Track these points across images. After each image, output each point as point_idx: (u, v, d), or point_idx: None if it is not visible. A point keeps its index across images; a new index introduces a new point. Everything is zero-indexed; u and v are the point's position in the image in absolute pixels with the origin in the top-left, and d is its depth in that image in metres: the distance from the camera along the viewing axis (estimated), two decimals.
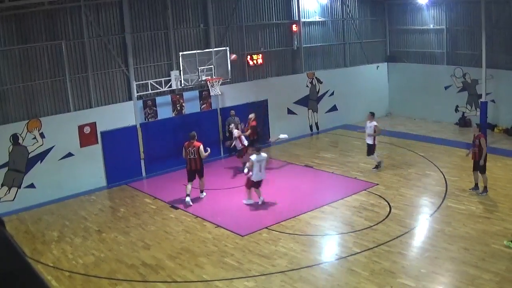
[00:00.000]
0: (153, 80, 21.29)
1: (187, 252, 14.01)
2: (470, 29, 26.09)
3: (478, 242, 13.22)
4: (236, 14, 23.91)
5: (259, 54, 24.79)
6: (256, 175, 16.77)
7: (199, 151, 17.44)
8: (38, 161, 18.86)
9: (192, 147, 17.49)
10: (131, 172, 21.01)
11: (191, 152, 17.50)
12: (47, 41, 18.89)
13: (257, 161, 16.68)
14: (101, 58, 20.28)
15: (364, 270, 12.26)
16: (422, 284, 11.51)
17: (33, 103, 18.87)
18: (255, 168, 16.67)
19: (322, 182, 19.58)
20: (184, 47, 22.03)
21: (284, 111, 25.72)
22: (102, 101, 20.48)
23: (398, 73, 29.79)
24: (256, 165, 16.65)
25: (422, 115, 28.36)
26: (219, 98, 23.03)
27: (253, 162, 16.67)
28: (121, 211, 17.74)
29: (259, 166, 16.71)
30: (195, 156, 17.48)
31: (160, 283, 12.42)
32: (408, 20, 29.12)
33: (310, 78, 26.89)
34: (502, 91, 24.57)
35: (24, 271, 2.23)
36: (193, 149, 17.46)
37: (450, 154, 21.71)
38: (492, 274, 11.58)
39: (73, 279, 12.91)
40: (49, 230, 16.33)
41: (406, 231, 14.31)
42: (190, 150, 17.51)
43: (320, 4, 27.27)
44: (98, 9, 20.01)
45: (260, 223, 15.75)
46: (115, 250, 14.52)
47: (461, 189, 17.38)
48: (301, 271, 12.50)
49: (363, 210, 16.23)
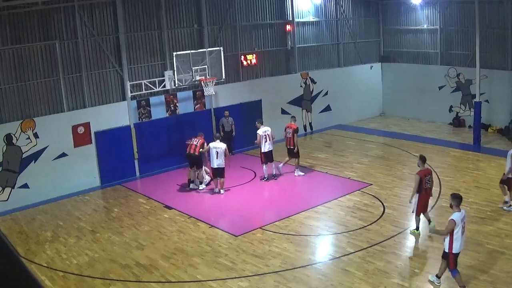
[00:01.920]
0: (147, 80, 21.25)
1: (181, 252, 14.01)
2: (464, 29, 26.17)
3: (472, 242, 13.25)
4: (230, 14, 23.90)
5: (253, 54, 24.78)
6: (265, 146, 19.20)
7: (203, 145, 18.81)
8: (32, 161, 18.80)
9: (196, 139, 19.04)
10: (125, 172, 20.97)
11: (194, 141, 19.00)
12: (41, 41, 18.84)
13: (264, 132, 19.25)
14: (95, 58, 20.23)
15: (358, 270, 12.29)
16: (415, 284, 11.55)
17: (27, 103, 18.80)
18: (262, 140, 19.19)
19: (316, 182, 19.58)
20: (178, 47, 22.01)
21: (278, 111, 25.71)
22: (96, 101, 20.43)
23: (392, 73, 29.85)
24: (263, 137, 19.15)
25: (416, 115, 28.42)
26: (213, 98, 23.02)
27: (260, 135, 19.14)
28: (115, 211, 17.71)
29: (265, 137, 19.23)
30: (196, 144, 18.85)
31: (154, 283, 12.41)
32: (402, 20, 29.17)
33: (304, 78, 26.91)
34: (496, 91, 24.64)
35: (17, 271, 2.23)
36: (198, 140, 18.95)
37: (444, 154, 21.77)
38: (485, 274, 11.63)
39: (67, 279, 12.88)
40: (43, 230, 16.29)
41: (400, 231, 14.35)
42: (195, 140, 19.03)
43: (314, 4, 27.28)
44: (92, 9, 19.96)
45: (254, 223, 15.77)
46: (109, 250, 14.50)
47: (454, 189, 17.40)
48: (295, 271, 12.51)
49: (357, 210, 16.26)
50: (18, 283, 2.18)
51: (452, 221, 10.64)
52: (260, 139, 19.31)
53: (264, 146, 19.33)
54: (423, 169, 13.87)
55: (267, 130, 19.48)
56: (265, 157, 19.48)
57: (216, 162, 18.22)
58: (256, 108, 24.67)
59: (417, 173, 13.81)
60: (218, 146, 18.23)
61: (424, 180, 13.62)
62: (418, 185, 13.57)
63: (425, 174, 13.72)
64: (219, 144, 18.31)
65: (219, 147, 18.21)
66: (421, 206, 13.81)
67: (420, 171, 13.84)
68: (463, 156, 21.75)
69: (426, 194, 13.84)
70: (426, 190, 13.74)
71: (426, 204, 13.99)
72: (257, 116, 22.44)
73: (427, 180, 13.69)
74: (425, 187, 13.70)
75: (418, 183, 13.55)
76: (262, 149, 19.39)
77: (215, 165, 18.29)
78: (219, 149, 18.19)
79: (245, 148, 23.90)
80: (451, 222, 10.60)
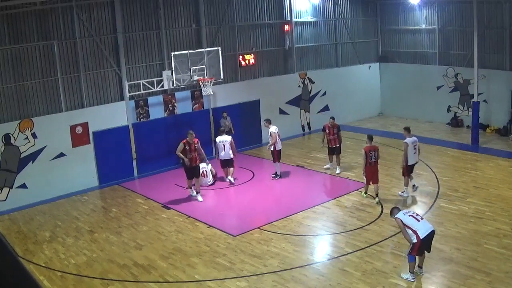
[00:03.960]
0: (145, 80, 21.25)
1: (179, 252, 14.00)
2: (462, 29, 26.19)
3: (470, 242, 13.29)
4: (228, 14, 23.90)
5: (251, 54, 24.79)
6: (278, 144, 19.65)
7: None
8: (30, 161, 18.79)
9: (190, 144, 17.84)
10: (123, 172, 20.96)
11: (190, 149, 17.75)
12: (39, 41, 18.83)
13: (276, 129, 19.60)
14: (93, 58, 20.23)
15: (356, 270, 12.29)
16: (414, 284, 11.55)
17: (25, 103, 18.80)
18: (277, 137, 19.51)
19: (314, 182, 19.59)
20: (176, 47, 22.01)
21: (276, 111, 25.72)
22: (94, 101, 20.43)
23: (390, 73, 29.86)
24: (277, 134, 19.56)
25: (414, 115, 28.42)
26: (211, 98, 23.01)
27: (275, 133, 19.47)
28: (113, 211, 17.70)
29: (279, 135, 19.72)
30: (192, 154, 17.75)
31: (152, 283, 12.41)
32: (400, 20, 29.18)
33: (302, 78, 26.92)
34: (494, 91, 24.67)
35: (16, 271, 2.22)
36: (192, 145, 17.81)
37: (442, 154, 21.79)
38: (483, 274, 11.64)
39: (65, 279, 12.88)
40: (41, 230, 16.28)
41: (398, 231, 14.29)
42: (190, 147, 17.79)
43: (312, 4, 27.29)
44: (90, 9, 19.95)
45: (252, 223, 15.77)
46: (107, 250, 14.50)
47: (453, 189, 17.44)
48: (293, 271, 12.52)
49: (355, 210, 16.27)
50: (17, 283, 2.18)
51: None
52: (276, 137, 19.54)
53: (278, 143, 19.69)
54: (369, 145, 16.63)
55: (277, 128, 19.85)
56: (277, 154, 19.79)
57: (223, 154, 19.29)
58: (254, 108, 24.67)
59: (363, 149, 16.61)
60: (224, 140, 19.31)
61: (369, 155, 16.38)
62: (364, 158, 16.44)
63: (369, 150, 16.49)
64: (225, 137, 19.39)
65: (226, 140, 19.28)
66: (368, 176, 16.64)
67: (366, 147, 16.63)
68: (461, 156, 21.77)
69: (371, 167, 16.53)
70: (371, 163, 16.50)
71: (372, 174, 16.62)
72: (256, 116, 22.47)
73: (371, 155, 16.44)
74: (370, 161, 16.46)
75: (364, 157, 16.43)
76: (277, 147, 19.65)
77: (222, 157, 19.37)
78: (225, 142, 19.25)
79: (244, 148, 23.90)
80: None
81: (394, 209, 12.23)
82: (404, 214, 11.80)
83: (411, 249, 11.55)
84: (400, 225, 11.73)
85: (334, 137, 19.94)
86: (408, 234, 11.51)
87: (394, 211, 12.08)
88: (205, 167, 19.41)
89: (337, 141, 19.99)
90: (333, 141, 19.98)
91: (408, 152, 16.83)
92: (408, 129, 17.38)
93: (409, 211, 12.25)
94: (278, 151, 19.73)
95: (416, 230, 11.41)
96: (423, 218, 12.08)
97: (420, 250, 11.56)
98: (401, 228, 11.77)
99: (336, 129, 20.10)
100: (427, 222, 12.04)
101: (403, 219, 11.60)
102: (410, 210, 12.57)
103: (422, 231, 11.42)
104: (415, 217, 11.71)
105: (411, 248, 11.52)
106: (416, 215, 11.88)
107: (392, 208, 12.40)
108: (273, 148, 19.61)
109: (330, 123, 20.09)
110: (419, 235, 11.36)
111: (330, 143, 20.06)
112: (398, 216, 11.75)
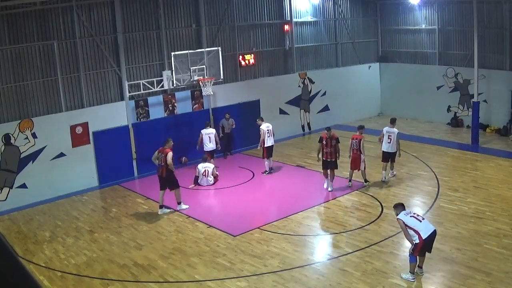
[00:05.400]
0: (145, 80, 21.25)
1: (179, 252, 14.00)
2: (462, 29, 26.19)
3: (470, 242, 13.29)
4: (228, 14, 23.90)
5: (251, 54, 24.79)
6: (268, 141, 20.09)
7: (166, 159, 16.51)
8: (30, 161, 18.79)
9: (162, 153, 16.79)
10: (123, 172, 20.95)
11: (160, 158, 16.81)
12: (39, 41, 18.83)
13: (266, 127, 20.17)
14: (93, 58, 20.22)
15: (356, 270, 12.29)
16: (414, 284, 11.55)
17: (25, 103, 18.79)
18: (265, 135, 20.01)
19: (314, 182, 19.58)
20: (176, 47, 22.01)
21: (276, 111, 25.72)
22: (94, 101, 20.42)
23: (390, 73, 29.86)
24: (266, 132, 20.03)
25: (414, 115, 28.43)
26: (211, 98, 23.01)
27: (263, 130, 20.03)
28: (113, 211, 17.70)
29: (268, 132, 20.14)
30: (162, 164, 16.73)
31: (152, 283, 12.41)
32: (400, 20, 29.18)
33: (302, 78, 26.92)
34: (494, 91, 24.67)
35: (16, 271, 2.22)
36: (162, 156, 16.71)
37: (442, 154, 21.79)
38: (484, 274, 11.64)
39: (65, 279, 12.87)
40: (41, 230, 16.27)
41: (398, 231, 14.26)
42: (160, 156, 16.84)
43: (312, 4, 27.28)
44: (90, 9, 19.95)
45: (252, 223, 15.76)
46: (107, 250, 14.49)
47: (453, 189, 17.44)
48: (293, 271, 12.52)
49: (355, 210, 16.27)
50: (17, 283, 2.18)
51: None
52: (264, 134, 20.00)
53: (267, 140, 20.06)
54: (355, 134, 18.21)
55: (269, 125, 20.32)
56: (267, 151, 20.24)
57: (210, 146, 20.53)
58: (254, 108, 24.66)
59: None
60: (209, 132, 20.61)
61: (323, 146, 17.75)
62: (320, 148, 17.90)
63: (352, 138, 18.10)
64: (209, 130, 20.71)
65: (211, 133, 20.61)
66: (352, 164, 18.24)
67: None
68: (461, 156, 21.77)
69: (353, 154, 18.12)
70: (352, 151, 18.13)
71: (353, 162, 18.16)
72: (256, 116, 22.40)
73: (353, 144, 18.04)
74: (352, 148, 18.11)
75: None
76: (265, 144, 20.05)
77: (209, 149, 20.56)
78: (211, 135, 20.57)
79: (244, 148, 23.92)
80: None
81: (398, 206, 12.11)
82: (405, 215, 11.76)
83: (413, 250, 11.55)
84: (402, 226, 11.69)
85: (331, 150, 17.76)
86: (410, 235, 11.51)
87: (398, 208, 11.98)
88: (208, 166, 19.43)
89: (333, 155, 17.77)
90: (329, 155, 17.81)
91: (383, 139, 18.67)
92: (391, 120, 18.95)
93: (410, 211, 12.23)
94: (267, 148, 20.15)
95: (418, 231, 11.41)
96: (424, 218, 12.10)
97: (422, 251, 11.57)
98: (403, 229, 11.72)
99: (335, 140, 17.83)
100: (429, 222, 12.05)
101: (405, 220, 11.59)
102: (411, 211, 12.54)
103: (425, 231, 11.43)
104: (416, 217, 11.72)
105: (413, 248, 11.52)
106: (417, 215, 11.88)
107: (396, 204, 12.25)
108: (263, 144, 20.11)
109: (327, 134, 17.84)
110: (422, 235, 11.37)
111: (325, 156, 17.92)
112: (400, 217, 11.73)
